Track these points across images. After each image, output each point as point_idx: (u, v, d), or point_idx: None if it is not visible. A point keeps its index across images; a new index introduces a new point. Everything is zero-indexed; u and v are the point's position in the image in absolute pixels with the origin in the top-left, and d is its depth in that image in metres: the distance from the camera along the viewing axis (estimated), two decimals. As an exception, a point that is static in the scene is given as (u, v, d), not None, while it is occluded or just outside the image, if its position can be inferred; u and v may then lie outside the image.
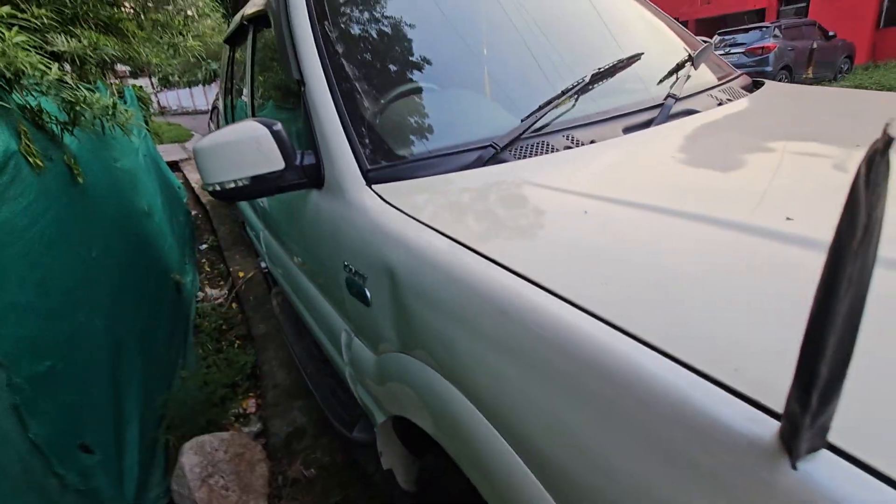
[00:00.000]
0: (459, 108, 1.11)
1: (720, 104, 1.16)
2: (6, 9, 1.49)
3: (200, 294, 3.49)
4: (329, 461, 1.73)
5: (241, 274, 3.66)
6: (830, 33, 10.27)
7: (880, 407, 0.36)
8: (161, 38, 2.99)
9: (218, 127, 2.89)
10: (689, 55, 1.23)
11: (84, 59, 2.40)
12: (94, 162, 2.08)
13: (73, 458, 1.28)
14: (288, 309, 2.14)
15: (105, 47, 2.43)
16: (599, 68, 1.10)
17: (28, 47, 1.44)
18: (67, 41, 2.19)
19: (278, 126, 0.96)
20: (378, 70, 1.13)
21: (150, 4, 2.92)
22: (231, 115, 2.49)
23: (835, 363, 0.30)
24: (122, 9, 2.68)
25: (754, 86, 1.37)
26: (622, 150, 0.94)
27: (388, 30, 1.19)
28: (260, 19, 1.56)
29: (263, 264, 2.54)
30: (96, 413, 1.47)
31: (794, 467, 0.33)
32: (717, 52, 10.16)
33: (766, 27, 9.75)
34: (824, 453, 0.34)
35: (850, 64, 10.95)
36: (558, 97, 1.03)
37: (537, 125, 0.99)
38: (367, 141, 0.98)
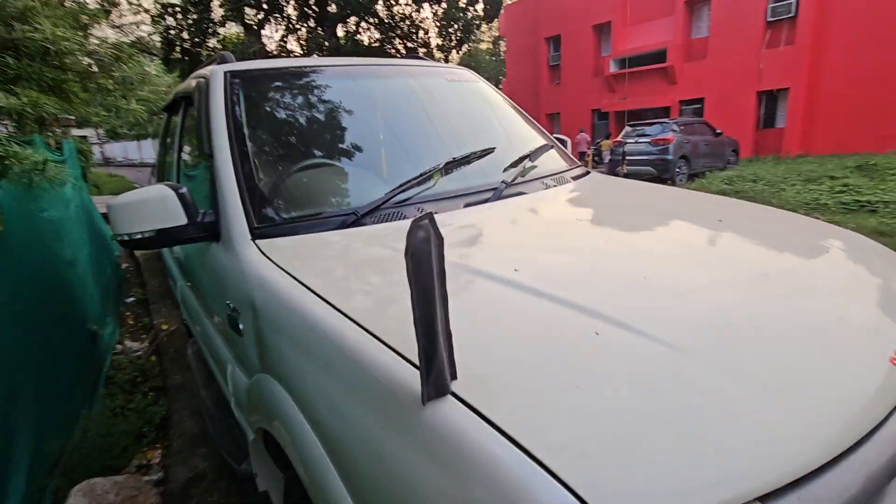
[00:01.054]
0: (335, 183, 1.39)
1: (546, 188, 1.51)
2: None
3: (119, 346, 3.43)
4: (224, 503, 1.78)
5: (164, 326, 3.65)
6: (718, 131, 12.00)
7: (491, 374, 0.62)
8: (104, 100, 3.19)
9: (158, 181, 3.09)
10: (530, 152, 1.59)
11: (22, 115, 2.55)
12: (19, 210, 2.17)
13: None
14: (201, 357, 2.23)
15: (45, 105, 2.60)
16: (455, 157, 1.43)
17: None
18: (6, 97, 2.35)
19: (184, 190, 1.19)
20: (272, 151, 1.41)
21: (94, 70, 3.13)
22: (165, 173, 2.68)
23: (426, 335, 0.55)
24: (68, 73, 2.87)
25: (584, 175, 1.75)
26: (457, 220, 1.23)
27: (282, 121, 1.49)
28: (189, 98, 1.82)
29: (184, 315, 2.63)
30: (-19, 455, 1.49)
31: (423, 403, 0.57)
32: (631, 140, 11.28)
33: (667, 122, 11.29)
34: (449, 398, 0.58)
35: (736, 157, 12.69)
36: (416, 178, 1.33)
37: (396, 199, 1.28)
38: (257, 205, 1.22)
